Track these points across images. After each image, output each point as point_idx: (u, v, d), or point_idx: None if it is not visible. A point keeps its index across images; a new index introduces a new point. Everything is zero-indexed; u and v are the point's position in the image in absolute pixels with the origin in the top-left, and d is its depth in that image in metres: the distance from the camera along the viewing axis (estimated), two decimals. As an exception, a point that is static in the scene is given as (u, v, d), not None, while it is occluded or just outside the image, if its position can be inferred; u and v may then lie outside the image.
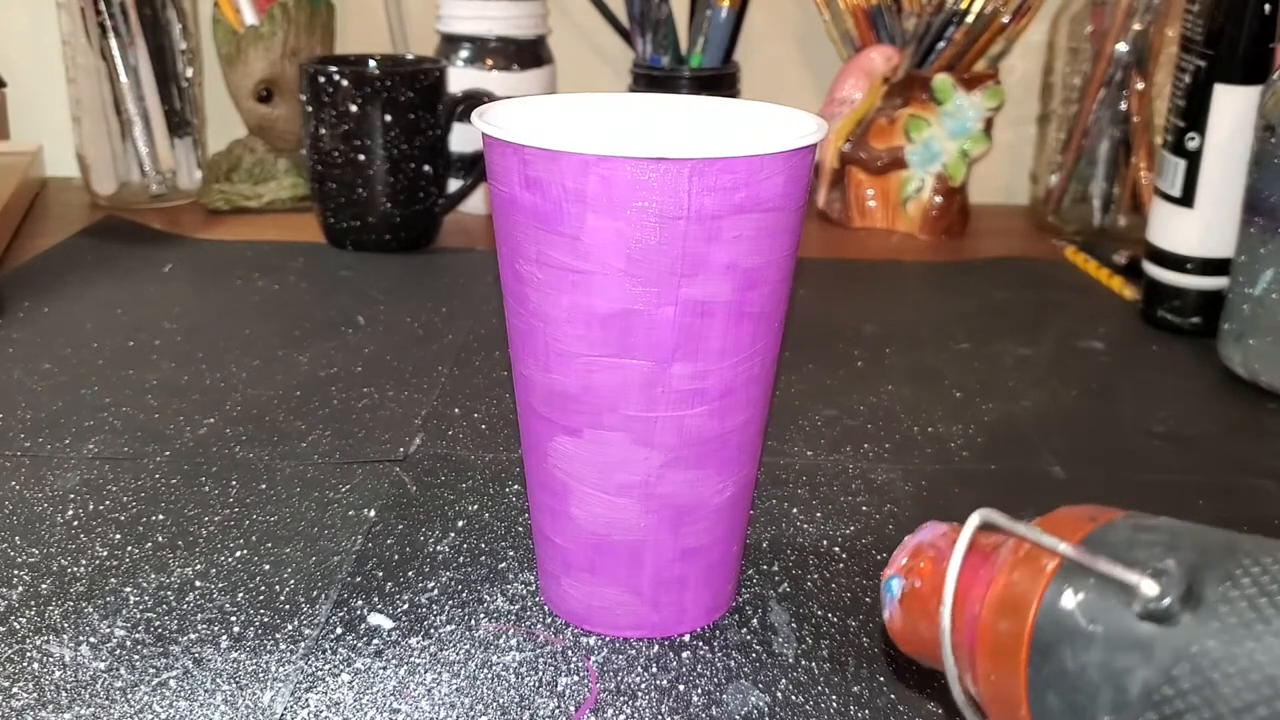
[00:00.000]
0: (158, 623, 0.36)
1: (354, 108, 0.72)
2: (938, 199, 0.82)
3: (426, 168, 0.75)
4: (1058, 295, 0.70)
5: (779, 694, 0.34)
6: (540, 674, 0.34)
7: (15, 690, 0.33)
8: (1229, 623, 0.19)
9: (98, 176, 0.84)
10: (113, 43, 0.81)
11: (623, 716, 0.33)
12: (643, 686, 0.34)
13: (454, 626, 0.36)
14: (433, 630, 0.36)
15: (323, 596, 0.38)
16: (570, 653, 0.35)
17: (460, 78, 0.80)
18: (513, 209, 0.32)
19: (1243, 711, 0.18)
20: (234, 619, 0.36)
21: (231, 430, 0.49)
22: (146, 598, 0.37)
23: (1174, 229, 0.62)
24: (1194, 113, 0.60)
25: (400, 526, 0.42)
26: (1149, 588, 0.20)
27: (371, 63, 0.78)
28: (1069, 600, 0.21)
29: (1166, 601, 0.20)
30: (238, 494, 0.44)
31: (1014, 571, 0.23)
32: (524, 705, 0.33)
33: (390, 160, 0.74)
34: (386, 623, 0.37)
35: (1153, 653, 0.20)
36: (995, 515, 0.24)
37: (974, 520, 0.24)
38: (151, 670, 0.34)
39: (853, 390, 0.55)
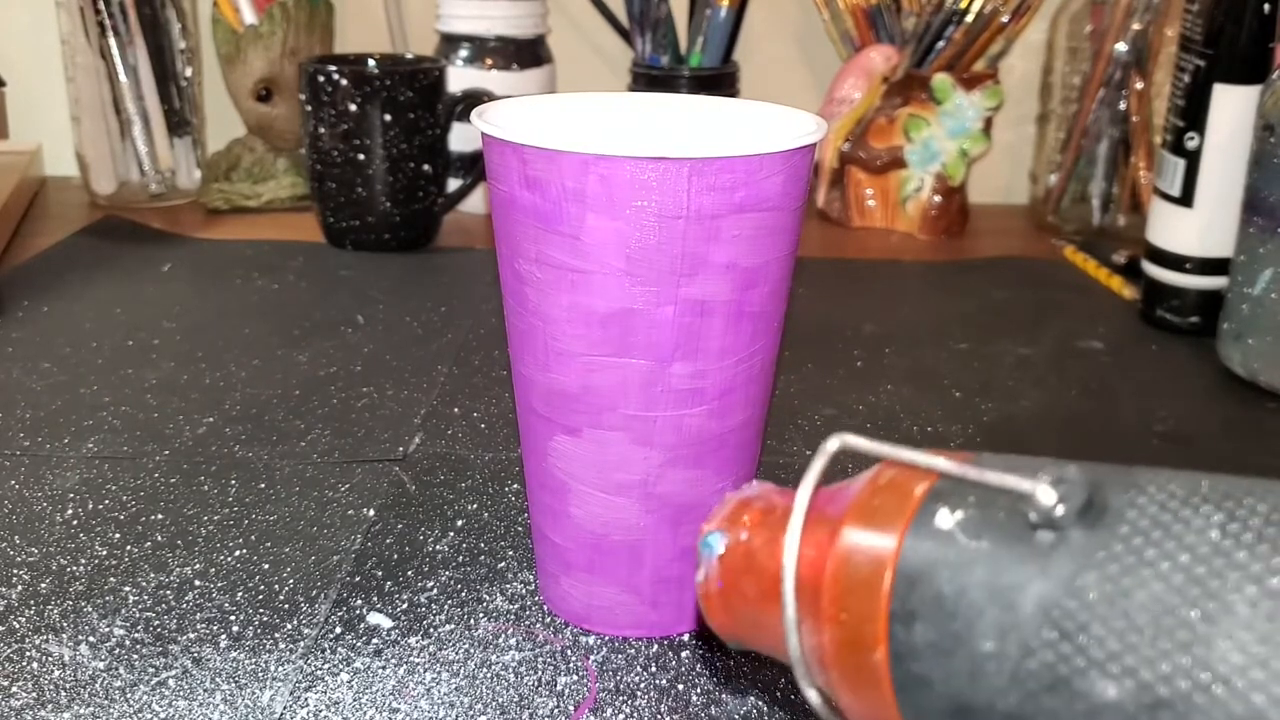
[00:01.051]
0: (157, 622, 0.36)
1: (353, 107, 0.72)
2: (937, 198, 0.82)
3: (426, 167, 0.75)
4: (1057, 295, 0.70)
5: (778, 693, 0.34)
6: (539, 673, 0.34)
7: (14, 689, 0.33)
8: (1140, 526, 0.17)
9: (97, 176, 0.84)
10: (112, 42, 0.81)
11: (622, 716, 0.33)
12: (642, 686, 0.34)
13: (453, 626, 0.36)
14: (432, 630, 0.36)
15: (322, 596, 0.38)
16: (569, 652, 0.35)
17: (460, 77, 0.80)
18: (512, 208, 0.32)
19: (1160, 615, 0.16)
20: (233, 618, 0.36)
21: (231, 429, 0.49)
22: (146, 597, 0.37)
23: (1173, 229, 0.62)
24: (1193, 112, 0.60)
25: (399, 526, 0.42)
26: (1045, 494, 0.18)
27: (371, 62, 0.77)
28: (945, 520, 0.19)
29: (1064, 507, 0.18)
30: (237, 493, 0.44)
31: (874, 498, 0.20)
32: (523, 704, 0.33)
33: (390, 160, 0.74)
34: (386, 622, 0.37)
35: (1050, 566, 0.17)
36: (854, 438, 0.21)
37: (830, 443, 0.21)
38: (151, 670, 0.34)
39: (852, 390, 0.55)
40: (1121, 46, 0.78)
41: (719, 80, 0.83)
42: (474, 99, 0.75)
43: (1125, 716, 0.16)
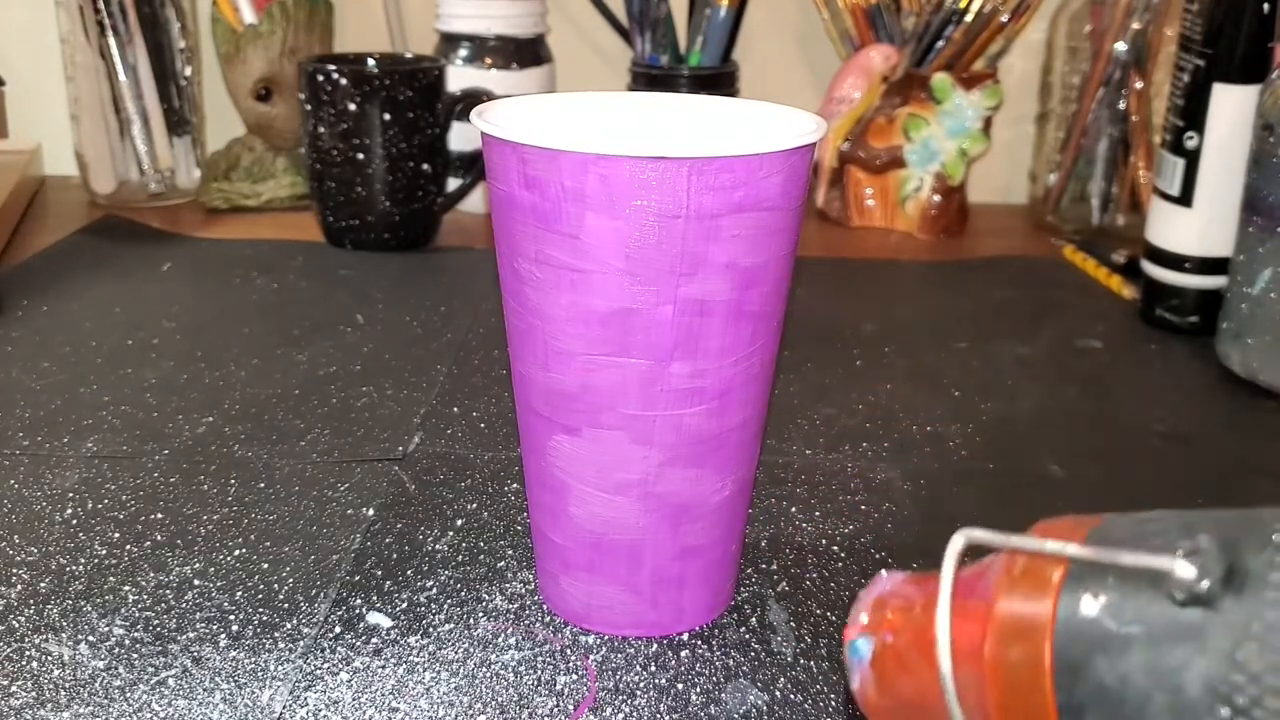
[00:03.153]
0: (156, 621, 0.36)
1: (353, 106, 0.72)
2: (936, 198, 0.82)
3: (425, 166, 0.75)
4: (1056, 294, 0.70)
5: (777, 693, 0.34)
6: (539, 673, 0.34)
7: (14, 689, 0.33)
8: None
9: (96, 175, 0.84)
10: (111, 41, 0.81)
11: (621, 715, 0.33)
12: (641, 685, 0.34)
13: (453, 625, 0.36)
14: (431, 629, 0.36)
15: (321, 595, 0.38)
16: (569, 651, 0.35)
17: (459, 76, 0.80)
18: (512, 208, 0.32)
19: None
20: (233, 618, 0.36)
21: (230, 429, 0.49)
22: (145, 596, 0.37)
23: (1173, 228, 0.62)
24: (1193, 112, 0.60)
25: (399, 525, 0.42)
26: (1185, 570, 0.18)
27: (370, 61, 0.77)
28: (1090, 606, 0.19)
29: (1208, 582, 0.17)
30: (236, 493, 0.44)
31: (1014, 591, 0.20)
32: (523, 704, 0.33)
33: (389, 159, 0.74)
34: (385, 621, 0.37)
35: (1207, 640, 0.17)
36: (980, 532, 0.21)
37: (958, 541, 0.21)
38: (150, 669, 0.34)
39: (851, 389, 0.55)
40: (1121, 46, 0.78)
41: (718, 80, 0.83)
42: (473, 98, 0.75)
43: None
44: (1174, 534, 0.19)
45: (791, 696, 0.34)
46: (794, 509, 0.44)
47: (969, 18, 0.79)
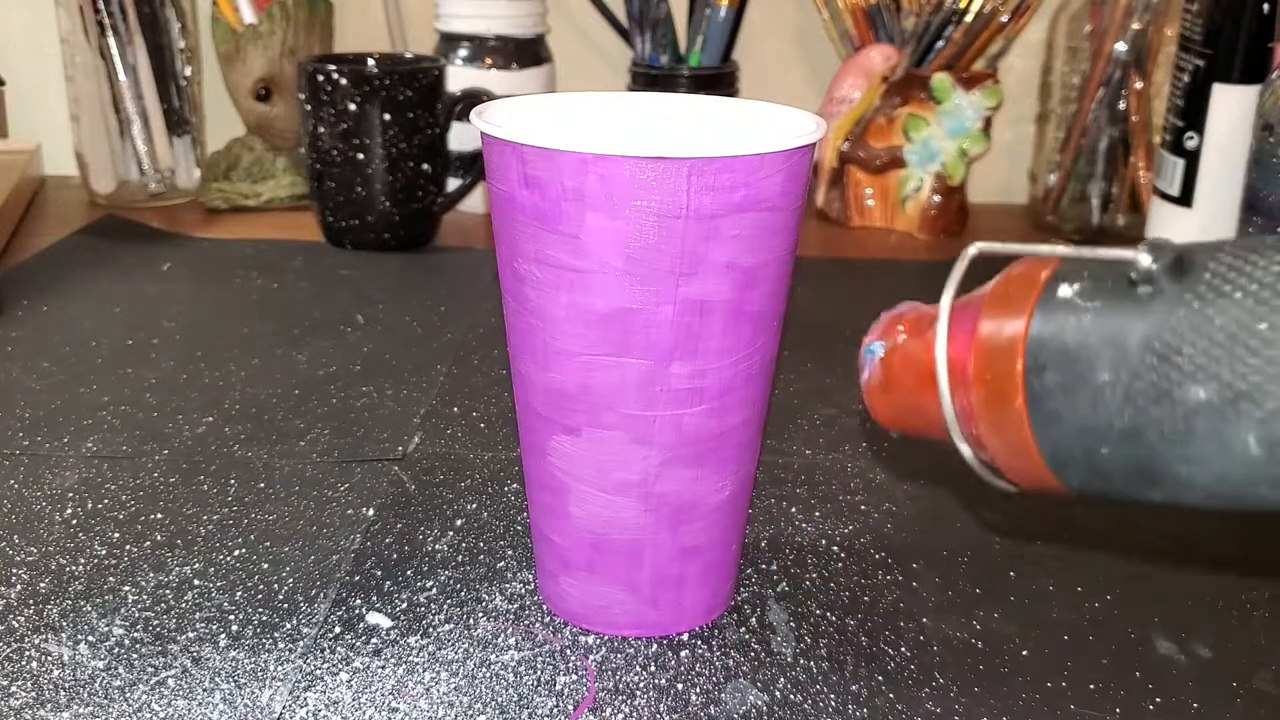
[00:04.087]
0: (156, 621, 0.36)
1: (353, 106, 0.72)
2: (936, 198, 0.82)
3: (425, 166, 0.75)
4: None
5: (777, 693, 0.34)
6: (539, 673, 0.34)
7: (14, 689, 0.33)
8: (1218, 274, 0.21)
9: (96, 175, 0.84)
10: (111, 41, 0.81)
11: (621, 715, 0.33)
12: (641, 685, 0.34)
13: (452, 625, 0.36)
14: (431, 629, 0.36)
15: (321, 595, 0.38)
16: (569, 652, 0.35)
17: (459, 76, 0.80)
18: (511, 208, 0.32)
19: (1236, 332, 0.21)
20: (232, 618, 0.36)
21: (230, 429, 0.49)
22: (145, 596, 0.37)
23: (1173, 228, 0.62)
24: (1193, 112, 0.60)
25: (399, 525, 0.42)
26: (1144, 257, 0.22)
27: (370, 61, 0.77)
28: (1065, 292, 0.23)
29: (1159, 265, 0.22)
30: (236, 493, 0.44)
31: (1006, 288, 0.25)
32: (522, 704, 0.33)
33: (389, 159, 0.74)
34: (385, 621, 0.37)
35: (1150, 310, 0.22)
36: (991, 245, 0.26)
37: (970, 250, 0.26)
38: (150, 669, 0.34)
39: (851, 389, 0.55)
40: (1121, 46, 0.78)
41: (718, 80, 0.83)
42: (473, 98, 0.75)
43: (1214, 410, 0.21)
44: (1146, 241, 0.23)
45: (791, 696, 0.34)
46: (794, 509, 0.44)
47: (969, 18, 0.79)
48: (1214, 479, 0.21)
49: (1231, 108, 0.58)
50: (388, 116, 0.73)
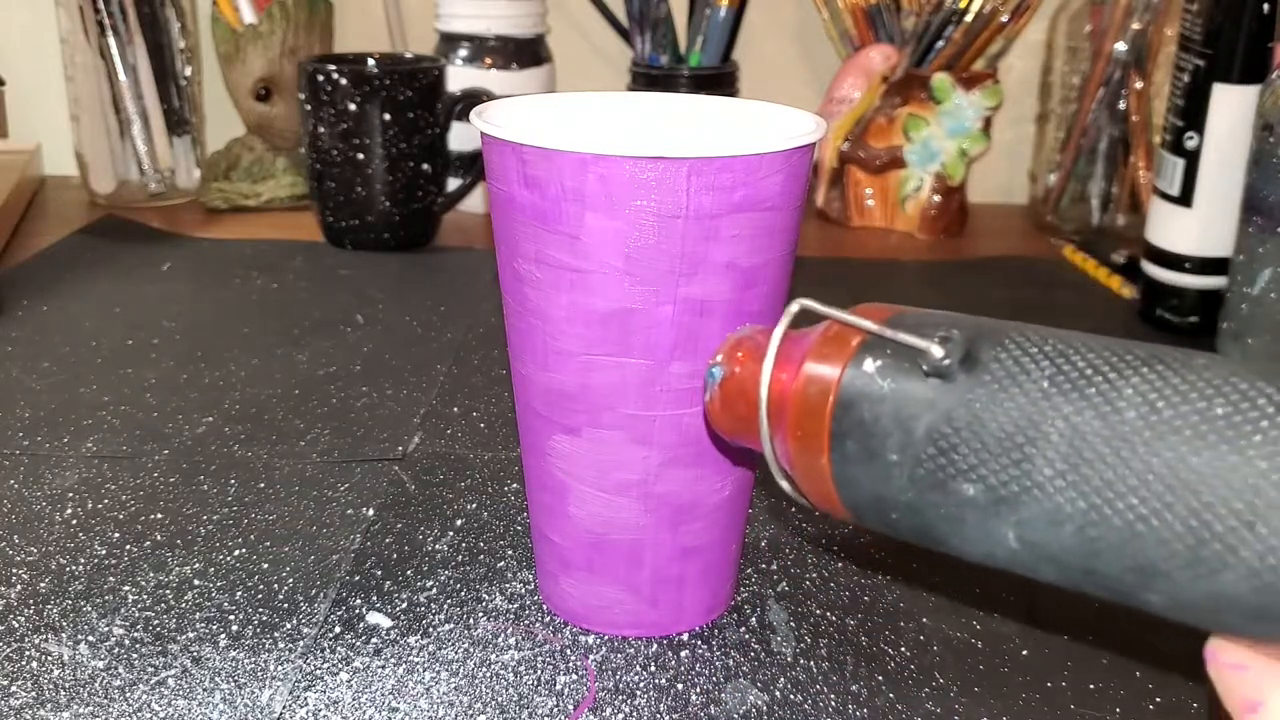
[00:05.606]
0: (156, 621, 0.36)
1: (353, 106, 0.72)
2: (936, 198, 0.82)
3: (425, 166, 0.75)
4: (1056, 294, 0.70)
5: (777, 693, 0.34)
6: (539, 673, 0.34)
7: (14, 689, 0.33)
8: (997, 375, 0.23)
9: (96, 175, 0.84)
10: (111, 41, 0.81)
11: (621, 715, 0.33)
12: (641, 685, 0.34)
13: (452, 625, 0.36)
14: (431, 629, 0.36)
15: (321, 595, 0.38)
16: (569, 651, 0.35)
17: (459, 76, 0.80)
18: (511, 208, 0.32)
19: (1004, 440, 0.23)
20: (232, 618, 0.36)
21: (230, 429, 0.49)
22: (145, 596, 0.37)
23: (1172, 228, 0.62)
24: (1192, 112, 0.60)
25: (399, 525, 0.42)
26: (936, 350, 0.24)
27: (370, 61, 0.77)
28: (869, 365, 0.25)
29: (949, 361, 0.24)
30: (236, 492, 0.44)
31: (824, 346, 0.27)
32: (522, 704, 0.33)
33: (389, 159, 0.74)
34: (385, 621, 0.37)
35: (935, 403, 0.24)
36: (811, 303, 0.28)
37: (793, 307, 0.28)
38: (150, 669, 0.34)
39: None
40: (1121, 46, 0.78)
41: (718, 79, 0.83)
42: (473, 98, 0.75)
43: (979, 508, 0.23)
44: (944, 327, 0.25)
45: (791, 696, 0.34)
46: (794, 509, 0.44)
47: (969, 18, 0.79)
48: (983, 556, 0.24)
49: (1231, 108, 0.58)
50: (388, 116, 0.73)
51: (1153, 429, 0.21)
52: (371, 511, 0.43)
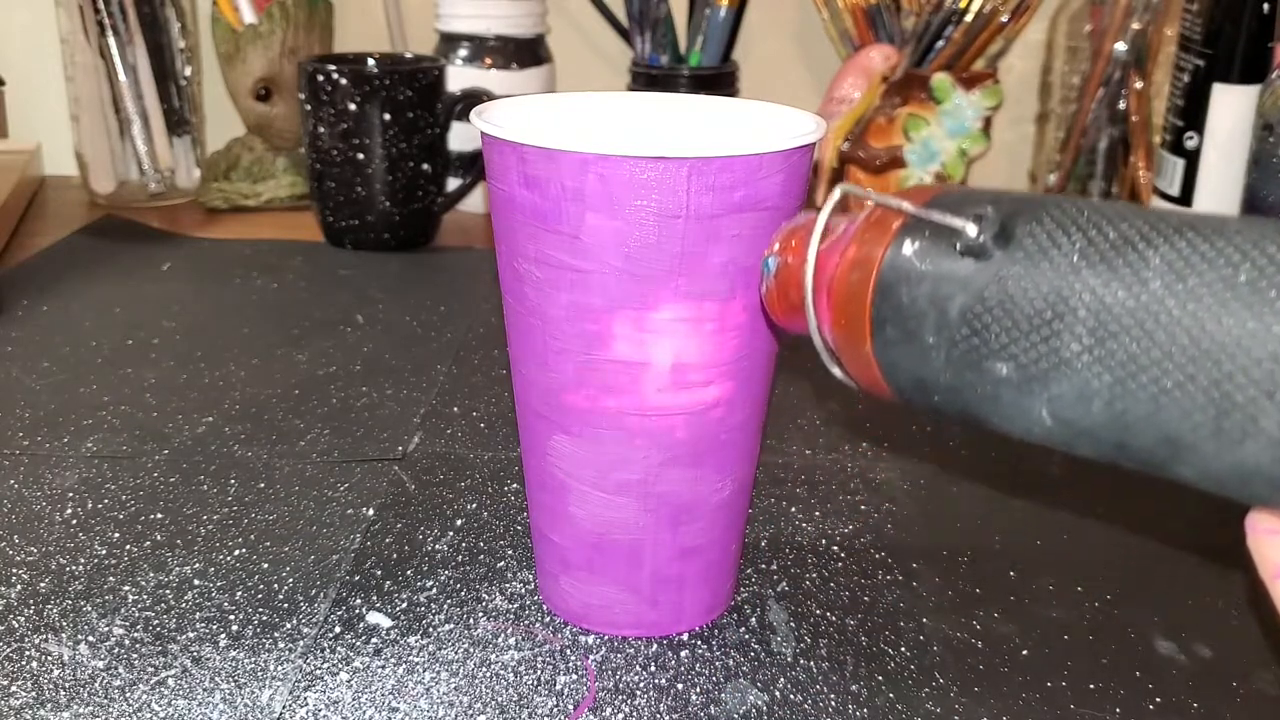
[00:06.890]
0: (156, 621, 0.36)
1: (353, 106, 0.72)
2: (936, 198, 0.82)
3: (425, 166, 0.75)
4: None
5: (777, 693, 0.34)
6: (539, 673, 0.34)
7: (14, 689, 0.33)
8: (1030, 251, 0.23)
9: (96, 175, 0.84)
10: (111, 41, 0.81)
11: (621, 715, 0.33)
12: (641, 685, 0.34)
13: (452, 625, 0.36)
14: (431, 629, 0.36)
15: (321, 595, 0.38)
16: (569, 651, 0.35)
17: (459, 76, 0.80)
18: (511, 208, 0.32)
19: (1033, 317, 0.23)
20: (232, 617, 0.36)
21: (230, 429, 0.49)
22: (145, 596, 0.37)
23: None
24: (1193, 112, 0.60)
25: (399, 525, 0.42)
26: (970, 229, 0.24)
27: (370, 61, 0.77)
28: (908, 248, 0.25)
29: (982, 238, 0.24)
30: (236, 492, 0.44)
31: (866, 231, 0.26)
32: (522, 704, 0.33)
33: (389, 159, 0.74)
34: (385, 621, 0.37)
35: (969, 282, 0.24)
36: (853, 186, 0.28)
37: (835, 192, 0.28)
38: (150, 669, 0.34)
39: (851, 389, 0.55)
40: (1121, 46, 0.78)
41: (718, 79, 0.83)
42: (473, 98, 0.75)
43: (1013, 386, 0.23)
44: (984, 204, 0.25)
45: (791, 696, 0.34)
46: (794, 509, 0.44)
47: (969, 18, 0.79)
48: (1022, 433, 0.24)
49: (1231, 108, 0.58)
50: (388, 116, 0.73)
51: (1177, 299, 0.21)
52: (371, 511, 0.43)
